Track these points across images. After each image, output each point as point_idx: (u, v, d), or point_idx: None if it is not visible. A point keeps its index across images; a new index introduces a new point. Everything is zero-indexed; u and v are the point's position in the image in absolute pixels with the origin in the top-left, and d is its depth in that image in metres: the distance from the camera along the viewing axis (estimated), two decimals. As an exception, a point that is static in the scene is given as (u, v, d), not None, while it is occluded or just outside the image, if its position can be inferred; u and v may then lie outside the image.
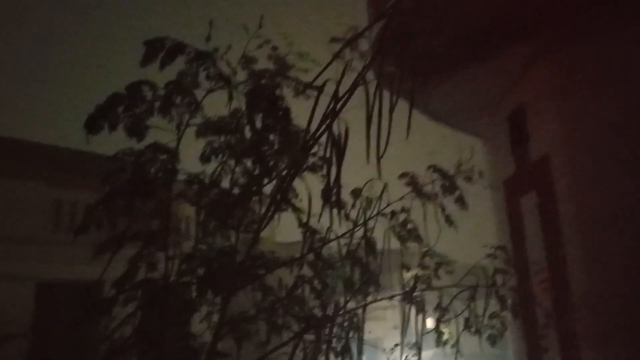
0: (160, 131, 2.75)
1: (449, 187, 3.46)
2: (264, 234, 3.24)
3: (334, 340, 3.36)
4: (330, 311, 3.44)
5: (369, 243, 3.42)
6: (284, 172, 3.04)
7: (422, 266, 3.85)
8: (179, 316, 3.20)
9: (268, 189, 3.24)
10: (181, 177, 2.88)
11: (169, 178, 2.74)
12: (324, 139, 2.86)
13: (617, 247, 5.87)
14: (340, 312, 3.43)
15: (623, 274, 5.73)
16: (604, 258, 5.91)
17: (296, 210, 3.15)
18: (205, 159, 2.98)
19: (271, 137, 2.92)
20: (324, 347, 3.28)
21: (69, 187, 8.28)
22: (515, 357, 8.88)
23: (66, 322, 7.79)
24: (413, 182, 3.45)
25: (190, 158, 3.03)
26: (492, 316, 3.92)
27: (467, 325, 3.86)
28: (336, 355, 3.35)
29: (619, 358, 5.57)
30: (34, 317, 7.78)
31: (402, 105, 3.02)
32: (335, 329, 3.37)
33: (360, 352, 3.52)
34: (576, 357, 6.30)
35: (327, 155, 2.82)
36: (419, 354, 3.87)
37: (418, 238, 3.62)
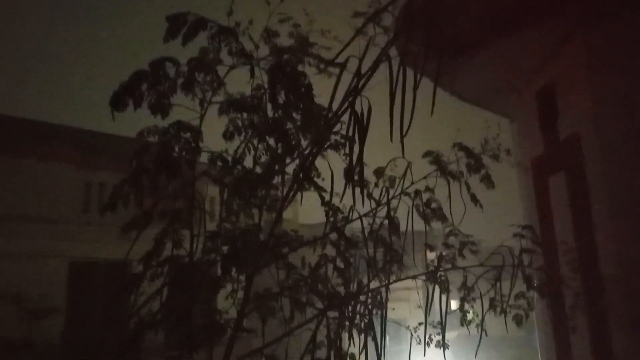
0: (183, 110, 2.76)
1: (475, 165, 3.39)
2: (288, 215, 3.26)
3: (357, 317, 3.37)
4: (353, 289, 3.45)
5: (392, 222, 3.40)
6: (307, 151, 3.03)
7: (447, 246, 3.81)
8: (204, 293, 3.26)
9: (291, 168, 3.25)
10: (205, 155, 2.91)
11: (192, 156, 2.76)
12: (346, 117, 2.83)
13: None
14: (364, 291, 3.44)
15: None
16: (635, 239, 5.75)
17: (319, 188, 3.14)
18: (228, 136, 2.99)
19: (293, 115, 2.90)
20: (347, 324, 3.30)
21: (98, 170, 8.48)
22: (542, 338, 8.79)
23: (98, 299, 8.05)
24: (437, 161, 3.40)
25: (214, 136, 3.05)
26: (518, 296, 3.87)
27: (492, 305, 3.82)
28: (359, 332, 3.36)
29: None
30: (67, 294, 8.08)
31: (427, 83, 2.96)
32: (358, 307, 3.38)
33: (383, 330, 3.53)
34: (606, 339, 6.20)
35: (350, 133, 2.79)
36: (443, 333, 3.85)
37: (442, 217, 3.57)
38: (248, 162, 3.07)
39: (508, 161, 3.63)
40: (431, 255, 3.94)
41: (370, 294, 3.42)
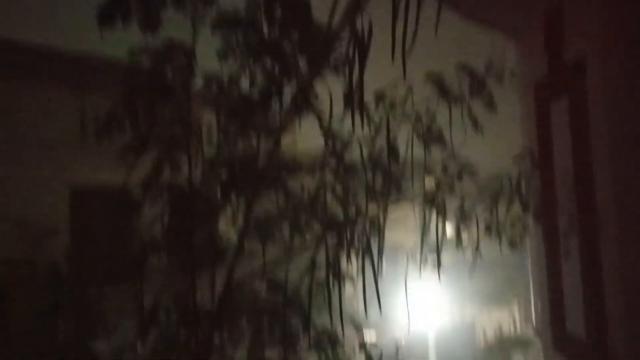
0: (176, 34, 2.64)
1: (478, 88, 3.30)
2: (286, 141, 3.22)
3: (355, 242, 3.44)
4: (351, 214, 3.50)
5: (392, 147, 3.37)
6: (304, 72, 2.94)
7: (445, 171, 3.81)
8: (205, 217, 3.31)
9: (288, 92, 3.16)
10: (199, 78, 2.81)
11: (186, 77, 2.67)
12: (346, 35, 2.70)
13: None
14: (362, 216, 3.48)
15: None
16: (633, 166, 5.77)
17: (317, 112, 3.08)
18: (222, 54, 2.86)
19: (291, 33, 2.77)
20: (345, 247, 3.37)
21: (92, 94, 8.29)
22: (534, 262, 9.10)
23: (100, 224, 8.21)
24: (440, 83, 3.30)
25: (207, 59, 2.94)
26: (513, 221, 3.93)
27: (487, 229, 3.89)
28: (357, 256, 3.44)
29: (636, 260, 5.62)
30: (70, 219, 8.23)
31: (431, 1, 2.80)
32: (356, 232, 3.44)
33: (380, 254, 3.61)
34: (597, 262, 6.39)
35: (350, 53, 2.68)
36: (438, 255, 3.96)
37: (442, 142, 3.54)
38: (244, 85, 2.98)
39: (512, 84, 3.53)
40: (429, 181, 3.95)
41: (368, 219, 3.46)
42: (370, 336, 5.28)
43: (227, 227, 3.56)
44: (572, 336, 7.90)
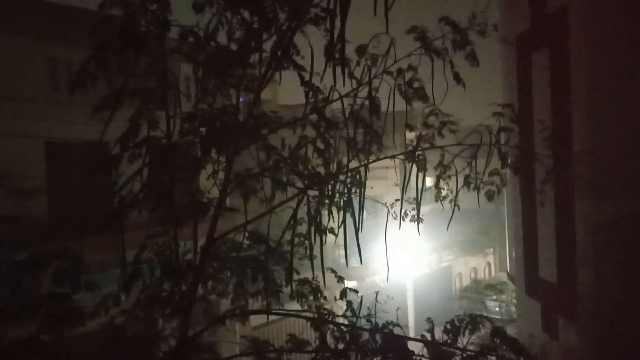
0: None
1: (461, 41, 3.25)
2: (267, 95, 3.16)
3: (337, 195, 3.47)
4: (333, 169, 3.50)
5: (373, 102, 3.34)
6: (285, 26, 2.84)
7: (426, 125, 3.81)
8: (185, 173, 3.28)
9: (268, 45, 3.07)
10: (175, 31, 2.70)
11: (161, 31, 2.57)
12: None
13: (624, 104, 5.80)
14: (343, 170, 3.49)
15: (627, 131, 5.74)
16: (610, 115, 5.87)
17: (298, 67, 3.01)
18: (198, 7, 2.74)
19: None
20: (327, 202, 3.40)
21: (63, 45, 7.92)
22: (510, 211, 9.36)
23: (77, 179, 8.08)
24: (422, 37, 3.24)
25: (183, 12, 2.81)
26: (492, 173, 3.99)
27: (466, 182, 3.94)
28: (338, 210, 3.48)
29: (609, 208, 5.85)
30: (47, 174, 8.05)
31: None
32: (338, 186, 3.46)
33: (361, 207, 3.66)
34: (570, 209, 6.61)
35: (331, 5, 2.60)
36: (417, 208, 4.03)
37: (424, 97, 3.51)
38: (222, 38, 2.88)
39: (494, 37, 3.49)
40: (410, 135, 3.96)
41: (349, 174, 3.48)
42: (351, 284, 5.44)
43: (208, 183, 3.55)
44: (543, 281, 8.27)
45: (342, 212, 3.53)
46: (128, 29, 2.49)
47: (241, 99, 3.16)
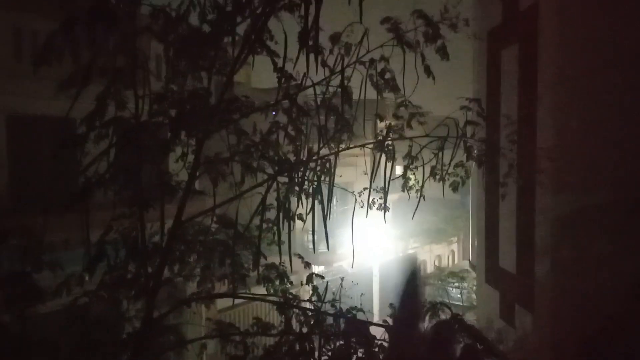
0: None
1: (432, 35, 3.30)
2: (240, 78, 3.14)
3: (306, 182, 3.50)
4: (303, 156, 3.52)
5: (345, 91, 3.36)
6: (259, 10, 2.82)
7: (396, 116, 3.87)
8: (153, 155, 3.23)
9: (242, 29, 3.04)
10: (146, 10, 2.65)
11: (132, 7, 2.50)
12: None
13: (588, 101, 6.01)
14: (314, 158, 3.51)
15: (589, 128, 5.96)
16: (573, 112, 6.07)
17: (271, 53, 3.00)
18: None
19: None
20: (297, 189, 3.42)
21: (29, 14, 7.59)
22: (474, 202, 9.62)
23: (40, 156, 7.83)
24: (395, 28, 3.27)
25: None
26: (457, 165, 4.09)
27: (432, 173, 4.04)
28: (307, 197, 3.51)
29: (568, 202, 6.09)
30: (7, 149, 7.78)
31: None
32: (308, 173, 3.49)
33: (330, 194, 3.70)
34: (531, 202, 6.85)
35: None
36: (385, 197, 4.10)
37: (395, 88, 3.56)
38: (194, 19, 2.83)
39: (465, 32, 3.55)
40: (381, 125, 4.01)
41: (319, 161, 3.51)
42: (318, 270, 5.51)
43: (177, 166, 3.51)
44: (503, 271, 8.57)
45: (311, 199, 3.56)
46: (99, 3, 2.42)
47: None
